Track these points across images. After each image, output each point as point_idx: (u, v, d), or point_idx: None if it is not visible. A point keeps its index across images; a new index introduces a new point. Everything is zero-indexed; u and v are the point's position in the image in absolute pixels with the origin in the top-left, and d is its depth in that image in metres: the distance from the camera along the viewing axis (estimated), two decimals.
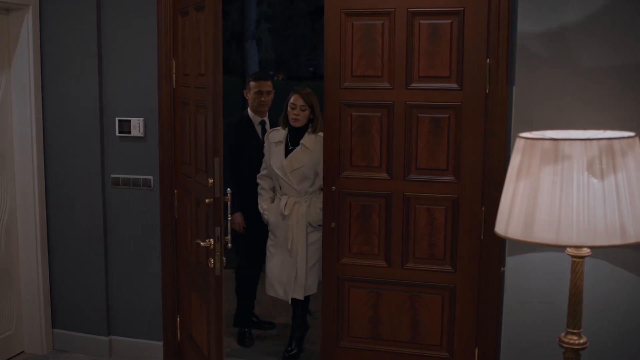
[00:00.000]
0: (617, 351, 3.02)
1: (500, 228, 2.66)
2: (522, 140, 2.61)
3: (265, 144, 4.85)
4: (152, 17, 4.35)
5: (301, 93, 4.69)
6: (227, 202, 3.77)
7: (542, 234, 2.48)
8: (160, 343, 4.62)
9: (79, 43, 4.52)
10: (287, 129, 4.75)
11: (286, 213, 4.65)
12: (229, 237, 3.73)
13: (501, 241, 3.85)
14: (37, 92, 4.59)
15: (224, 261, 3.62)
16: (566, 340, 2.71)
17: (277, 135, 4.79)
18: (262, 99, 5.10)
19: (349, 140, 4.07)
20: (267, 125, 5.16)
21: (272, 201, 4.85)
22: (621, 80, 2.91)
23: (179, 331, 4.59)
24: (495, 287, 3.91)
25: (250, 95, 5.14)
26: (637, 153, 2.51)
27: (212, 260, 3.60)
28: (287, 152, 4.71)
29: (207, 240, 3.64)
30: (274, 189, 4.88)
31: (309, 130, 4.71)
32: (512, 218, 2.59)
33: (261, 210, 4.83)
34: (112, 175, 4.57)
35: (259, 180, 4.90)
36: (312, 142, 4.68)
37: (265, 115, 5.21)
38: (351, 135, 4.06)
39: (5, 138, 4.58)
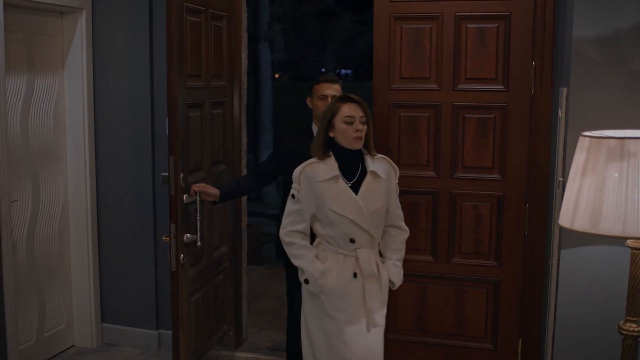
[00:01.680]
0: None
1: (565, 221, 2.81)
2: (587, 139, 2.76)
3: (298, 189, 3.32)
4: None
5: (357, 101, 3.32)
6: (195, 201, 3.87)
7: (609, 227, 2.63)
8: None
9: (130, 44, 4.67)
10: (330, 157, 3.33)
11: (374, 272, 3.32)
12: (198, 235, 3.89)
13: (544, 236, 4.02)
14: (90, 92, 4.74)
15: (183, 257, 3.79)
16: (625, 327, 2.87)
17: (324, 169, 3.29)
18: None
19: (397, 139, 4.23)
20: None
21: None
22: None
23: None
24: (539, 281, 4.07)
25: (312, 102, 4.04)
26: None
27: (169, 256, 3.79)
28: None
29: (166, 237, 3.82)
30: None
31: (365, 152, 3.38)
32: (578, 212, 2.73)
33: (315, 275, 3.28)
34: (163, 174, 4.69)
35: (291, 239, 3.37)
36: (380, 168, 3.37)
37: None
38: (399, 135, 4.22)
39: (59, 137, 4.73)
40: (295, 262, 3.37)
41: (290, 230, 3.38)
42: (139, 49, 4.66)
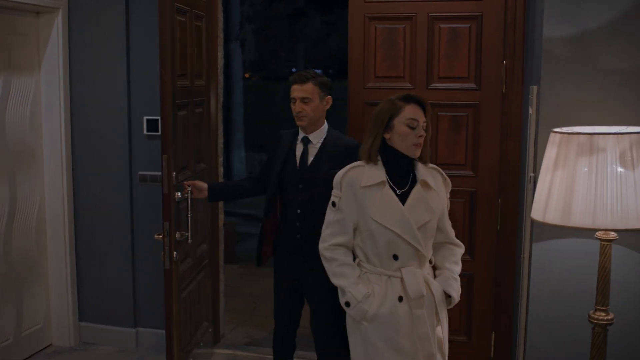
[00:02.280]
0: (638, 325, 3.31)
1: (537, 215, 2.91)
2: (558, 135, 2.86)
3: (339, 195, 3.01)
4: None
5: (423, 103, 3.02)
6: (186, 197, 3.87)
7: (579, 219, 2.74)
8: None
9: (107, 44, 4.70)
10: (378, 161, 3.01)
11: (423, 292, 2.95)
12: (189, 232, 3.93)
13: (516, 231, 4.13)
14: (66, 92, 4.75)
15: (176, 255, 3.81)
16: (595, 316, 2.98)
17: (370, 174, 2.97)
18: (296, 110, 3.69)
19: None
20: (314, 146, 3.75)
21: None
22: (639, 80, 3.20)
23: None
24: (511, 275, 4.18)
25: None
26: None
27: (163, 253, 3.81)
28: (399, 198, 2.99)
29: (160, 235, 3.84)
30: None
31: (417, 160, 3.08)
32: (549, 205, 2.84)
33: (357, 297, 2.94)
34: (140, 173, 4.75)
35: (332, 255, 3.03)
36: (431, 178, 3.08)
37: (313, 131, 3.75)
38: None
39: (36, 137, 4.73)
40: (335, 281, 3.01)
41: (332, 244, 3.01)
42: (115, 48, 4.69)
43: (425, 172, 3.04)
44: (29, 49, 4.64)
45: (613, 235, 2.91)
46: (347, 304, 2.95)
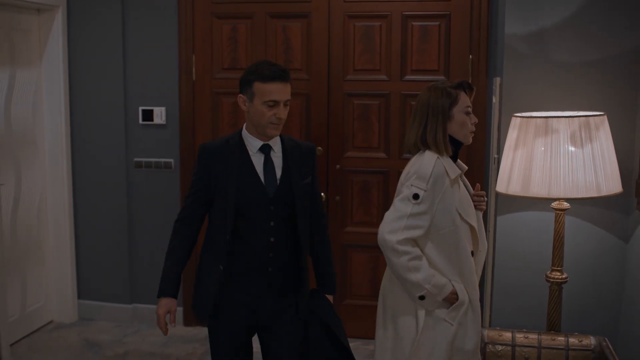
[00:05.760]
0: (588, 284, 3.79)
1: (501, 187, 3.37)
2: (518, 119, 3.32)
3: (426, 189, 2.70)
4: (173, 18, 4.90)
5: (473, 88, 2.89)
6: None
7: (537, 190, 3.20)
8: (181, 308, 5.17)
9: (104, 40, 5.03)
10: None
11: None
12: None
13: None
14: (66, 85, 5.07)
15: None
16: (551, 276, 3.44)
17: (449, 166, 2.78)
18: (280, 116, 2.85)
19: (352, 125, 4.73)
20: (277, 155, 2.97)
21: None
22: (590, 71, 3.65)
23: None
24: None
25: (253, 105, 2.85)
26: (606, 127, 3.26)
27: None
28: None
29: None
30: None
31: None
32: (512, 179, 3.29)
33: (442, 282, 2.72)
34: (135, 159, 5.10)
35: (405, 248, 2.68)
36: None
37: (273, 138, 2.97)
38: (353, 121, 4.73)
39: (37, 128, 5.05)
40: (406, 275, 2.69)
41: (406, 237, 2.67)
42: (112, 43, 5.01)
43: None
44: (31, 44, 4.96)
45: (566, 205, 3.38)
46: (422, 297, 2.71)
